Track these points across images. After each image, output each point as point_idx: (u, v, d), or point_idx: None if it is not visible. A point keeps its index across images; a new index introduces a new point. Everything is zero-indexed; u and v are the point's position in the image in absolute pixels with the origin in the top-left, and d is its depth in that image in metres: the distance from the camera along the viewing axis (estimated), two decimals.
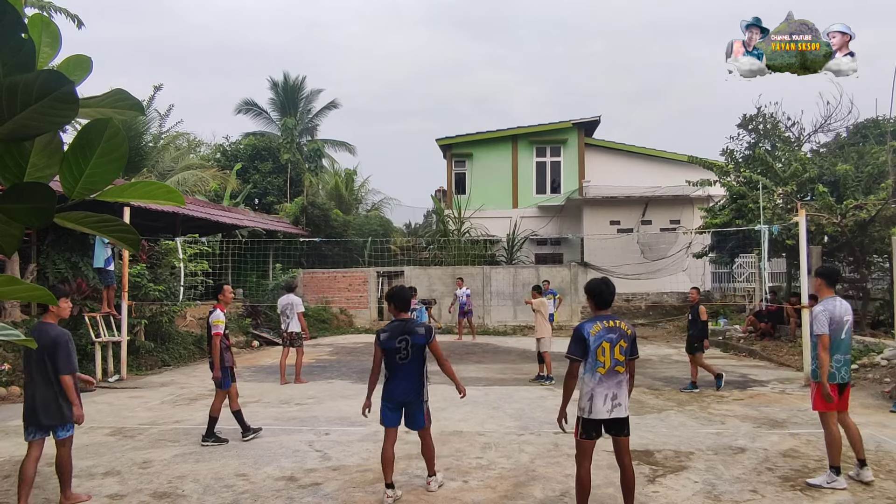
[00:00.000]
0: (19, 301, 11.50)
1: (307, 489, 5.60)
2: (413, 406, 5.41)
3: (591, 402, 4.59)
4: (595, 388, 4.57)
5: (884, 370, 10.62)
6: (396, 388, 5.37)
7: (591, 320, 4.72)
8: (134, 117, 1.73)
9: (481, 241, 23.90)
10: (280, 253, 21.29)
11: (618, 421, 4.62)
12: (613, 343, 4.58)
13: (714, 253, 19.59)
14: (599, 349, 4.56)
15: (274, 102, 33.58)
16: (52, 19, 1.95)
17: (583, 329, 4.65)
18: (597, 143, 25.73)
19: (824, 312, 5.61)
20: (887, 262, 15.88)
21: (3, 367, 10.41)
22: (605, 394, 4.56)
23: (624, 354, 4.62)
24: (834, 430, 5.56)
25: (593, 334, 4.59)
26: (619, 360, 4.59)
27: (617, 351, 4.58)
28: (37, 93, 1.14)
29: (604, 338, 4.57)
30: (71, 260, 12.90)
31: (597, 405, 4.57)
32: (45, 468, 6.24)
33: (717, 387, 10.15)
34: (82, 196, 1.36)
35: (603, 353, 4.56)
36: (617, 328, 4.64)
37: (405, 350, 5.32)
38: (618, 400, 4.58)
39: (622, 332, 4.64)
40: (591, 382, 4.60)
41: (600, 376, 4.56)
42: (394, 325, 5.45)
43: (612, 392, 4.57)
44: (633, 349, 4.74)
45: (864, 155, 16.47)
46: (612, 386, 4.57)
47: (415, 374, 5.37)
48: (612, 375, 4.58)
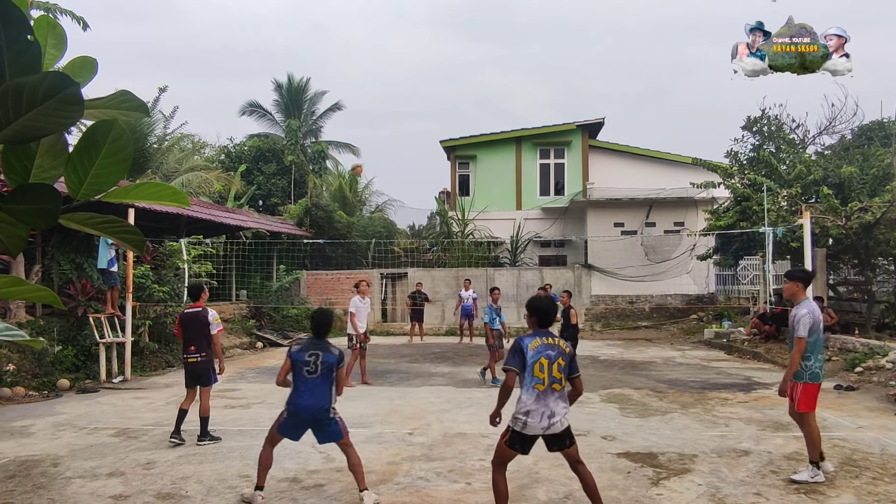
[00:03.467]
0: (24, 302, 11.55)
1: (311, 490, 5.60)
2: (321, 422, 5.30)
3: (526, 418, 4.46)
4: (532, 406, 4.44)
5: (889, 373, 10.57)
6: (301, 402, 5.25)
7: (530, 335, 4.60)
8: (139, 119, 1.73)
9: (485, 242, 23.89)
10: (284, 254, 21.32)
11: (557, 436, 4.53)
12: (552, 360, 4.46)
13: (718, 255, 19.55)
14: (537, 365, 4.44)
15: (278, 104, 33.69)
16: (58, 21, 1.96)
17: (522, 343, 4.52)
18: (601, 144, 25.70)
19: (809, 315, 5.75)
20: (892, 265, 15.84)
21: (9, 368, 10.44)
22: (542, 411, 4.43)
23: (562, 372, 4.51)
24: (816, 428, 5.79)
25: (532, 349, 4.46)
26: (556, 378, 4.47)
27: (555, 369, 4.46)
28: (42, 94, 1.15)
29: (542, 354, 4.46)
30: (76, 261, 12.93)
31: (532, 422, 4.45)
32: (50, 469, 6.27)
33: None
34: (87, 197, 1.37)
35: (541, 369, 4.44)
36: (556, 346, 4.53)
37: (314, 365, 5.26)
38: (555, 417, 4.45)
39: (561, 350, 4.53)
40: (528, 399, 4.46)
41: (538, 393, 4.44)
42: (308, 340, 5.51)
43: (550, 410, 4.44)
44: (572, 367, 4.62)
45: (869, 157, 16.41)
46: (550, 404, 4.45)
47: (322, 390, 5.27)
48: (550, 393, 4.46)
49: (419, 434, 7.56)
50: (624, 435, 7.45)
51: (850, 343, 12.95)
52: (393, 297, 22.42)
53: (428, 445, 7.02)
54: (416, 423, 8.11)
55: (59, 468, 6.26)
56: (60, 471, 6.18)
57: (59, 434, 7.62)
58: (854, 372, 11.22)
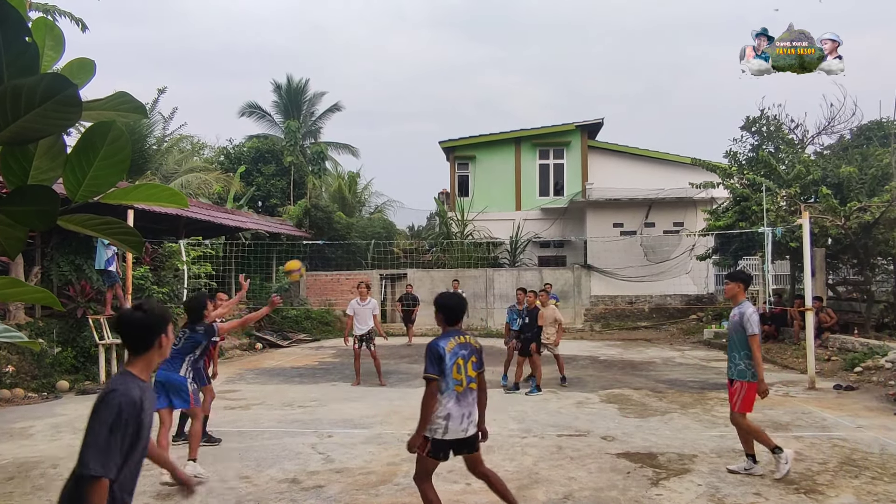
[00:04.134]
0: (23, 303, 11.54)
1: (310, 491, 5.60)
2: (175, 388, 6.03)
3: (447, 422, 4.30)
4: (452, 408, 4.31)
5: (888, 373, 10.57)
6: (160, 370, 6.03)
7: (443, 336, 4.43)
8: (137, 120, 1.73)
9: (484, 243, 23.89)
10: (283, 255, 21.27)
11: (469, 439, 4.42)
12: (466, 359, 4.38)
13: (717, 255, 19.54)
14: (455, 366, 4.32)
15: (277, 105, 33.69)
16: (56, 23, 1.95)
17: (437, 346, 4.34)
18: (600, 145, 25.71)
19: (756, 313, 5.97)
20: (891, 265, 15.85)
21: (8, 369, 10.43)
22: (463, 413, 4.33)
23: (475, 370, 4.45)
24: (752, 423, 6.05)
25: (449, 351, 4.33)
26: (471, 377, 4.41)
27: (470, 367, 4.40)
28: (40, 96, 1.15)
29: (458, 354, 4.36)
30: (75, 262, 12.93)
31: (453, 425, 4.30)
32: (49, 470, 6.26)
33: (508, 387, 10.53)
34: (85, 198, 1.37)
35: (458, 370, 4.33)
36: (468, 344, 4.45)
37: (179, 339, 6.18)
38: (471, 417, 4.39)
39: (472, 348, 4.46)
40: (448, 403, 4.31)
41: (458, 395, 4.32)
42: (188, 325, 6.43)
43: (468, 410, 4.36)
44: (481, 363, 4.54)
45: (868, 157, 16.41)
46: (469, 404, 4.38)
47: (178, 360, 6.07)
48: (468, 393, 4.38)
49: None
50: (623, 435, 7.45)
51: (849, 343, 12.96)
52: (393, 297, 22.41)
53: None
54: (416, 424, 8.09)
55: (59, 470, 6.25)
56: (60, 472, 6.17)
57: (58, 436, 7.61)
58: (853, 372, 11.23)
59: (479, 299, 21.27)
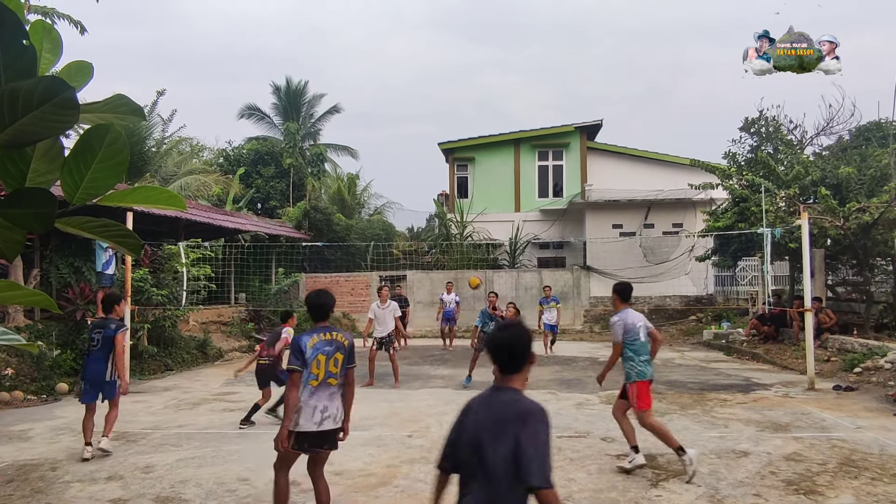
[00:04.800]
0: (22, 306, 11.53)
1: (309, 493, 5.57)
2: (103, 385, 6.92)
3: (297, 415, 4.45)
4: (304, 401, 4.46)
5: (888, 373, 10.58)
6: (88, 370, 6.97)
7: (309, 332, 4.61)
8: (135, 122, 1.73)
9: (484, 244, 23.89)
10: (283, 257, 21.31)
11: (326, 433, 4.52)
12: (329, 355, 4.53)
13: (717, 256, 19.56)
14: (314, 361, 4.48)
15: (276, 107, 33.72)
16: (55, 25, 1.96)
17: (300, 341, 4.54)
18: (599, 146, 25.73)
19: (619, 323, 6.40)
20: (890, 265, 15.85)
21: (7, 372, 10.42)
22: (315, 406, 4.46)
23: (338, 367, 4.57)
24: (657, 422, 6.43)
25: (310, 346, 4.50)
26: (332, 373, 4.53)
27: (331, 364, 4.53)
28: (38, 99, 1.15)
29: (320, 350, 4.51)
30: (74, 265, 12.93)
31: (304, 417, 4.45)
32: (48, 473, 6.26)
33: None
34: (83, 201, 1.37)
35: (317, 365, 4.48)
36: (334, 340, 4.59)
37: (97, 340, 6.88)
38: (328, 412, 4.49)
39: (339, 344, 4.60)
40: (303, 395, 4.47)
41: (312, 389, 4.48)
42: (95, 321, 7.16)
43: (323, 404, 4.49)
44: (350, 359, 4.68)
45: (867, 157, 16.43)
46: (324, 398, 4.50)
47: (102, 359, 6.87)
48: (324, 388, 4.51)
49: (418, 436, 7.56)
50: (623, 436, 7.44)
51: (848, 343, 12.97)
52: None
53: (427, 448, 7.01)
54: (416, 426, 8.10)
55: (58, 472, 6.25)
56: (59, 475, 6.18)
57: (57, 438, 7.61)
58: (853, 372, 11.23)
59: (479, 301, 21.20)
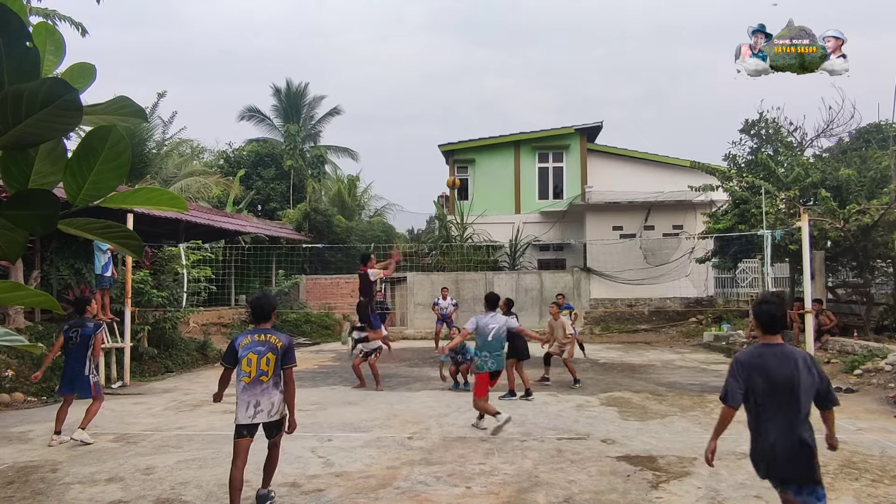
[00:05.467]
0: (23, 307, 11.53)
1: (310, 495, 5.59)
2: (79, 380, 7.35)
3: (236, 408, 4.97)
4: (240, 396, 4.93)
5: (888, 375, 10.57)
6: (67, 367, 7.45)
7: (245, 332, 5.15)
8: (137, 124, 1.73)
9: (484, 246, 23.88)
10: (283, 259, 21.32)
11: (264, 425, 5.00)
12: (261, 355, 4.91)
13: (717, 258, 19.55)
14: (245, 360, 4.90)
15: (277, 109, 33.74)
16: (57, 27, 1.96)
17: (235, 340, 5.06)
18: (599, 148, 25.73)
19: (472, 320, 8.13)
20: (891, 267, 15.84)
21: (7, 374, 10.42)
22: (248, 401, 4.91)
23: (270, 366, 4.93)
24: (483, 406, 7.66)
25: (242, 346, 4.96)
26: (263, 371, 4.91)
27: (263, 363, 4.91)
28: (41, 100, 1.15)
29: (251, 349, 4.92)
30: (75, 266, 12.94)
31: (240, 411, 4.94)
32: (49, 475, 6.26)
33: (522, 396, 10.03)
34: (86, 203, 1.37)
35: (248, 363, 4.89)
36: (267, 342, 4.98)
37: (74, 339, 7.40)
38: (260, 407, 4.92)
39: (271, 346, 4.97)
40: (237, 390, 4.95)
41: (244, 385, 4.91)
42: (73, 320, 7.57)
43: (255, 400, 4.91)
44: (286, 359, 5.03)
45: (867, 159, 16.43)
46: (256, 394, 4.91)
47: (80, 357, 7.36)
48: (256, 384, 4.91)
49: (418, 438, 7.56)
50: (623, 438, 7.45)
51: (849, 345, 12.96)
52: (392, 301, 22.39)
53: (427, 450, 7.02)
54: (416, 428, 8.10)
55: (58, 474, 6.25)
56: (59, 476, 6.17)
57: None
58: (853, 374, 11.23)
59: (479, 303, 21.13)
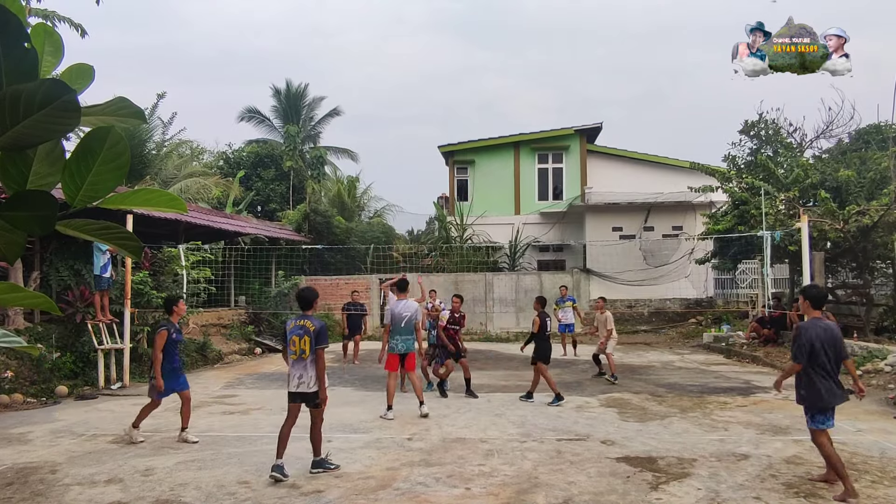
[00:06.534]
0: (22, 308, 11.53)
1: (309, 496, 5.59)
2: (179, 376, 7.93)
3: (287, 378, 6.25)
4: (289, 370, 6.23)
5: (888, 376, 10.57)
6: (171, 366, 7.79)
7: (291, 318, 6.44)
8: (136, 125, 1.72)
9: (483, 247, 23.89)
10: (283, 260, 21.31)
11: (303, 394, 6.15)
12: (301, 337, 6.15)
13: (717, 259, 19.56)
14: (291, 341, 6.20)
15: (276, 110, 33.75)
16: (55, 28, 1.96)
17: (286, 325, 6.39)
18: (599, 149, 25.75)
19: (390, 307, 9.14)
20: (890, 268, 15.86)
21: (7, 375, 10.41)
22: (294, 374, 6.17)
23: (307, 345, 6.11)
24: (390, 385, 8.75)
25: (289, 330, 6.28)
26: (303, 350, 6.12)
27: (302, 343, 6.13)
28: (39, 102, 1.15)
29: (294, 332, 6.20)
30: (74, 267, 12.92)
31: (291, 381, 6.20)
32: (48, 476, 6.25)
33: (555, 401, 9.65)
34: (84, 204, 1.37)
35: (293, 343, 6.17)
36: (304, 326, 6.17)
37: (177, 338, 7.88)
38: (303, 379, 6.12)
39: (307, 329, 6.15)
40: (288, 365, 6.29)
41: (292, 361, 6.20)
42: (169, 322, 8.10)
43: (299, 373, 6.14)
44: (318, 341, 6.13)
45: (867, 160, 16.45)
46: (299, 368, 6.14)
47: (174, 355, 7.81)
48: (299, 361, 6.16)
49: (418, 439, 7.55)
50: (623, 439, 7.45)
51: (848, 346, 12.94)
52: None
53: (427, 451, 7.01)
54: (415, 429, 8.09)
55: (58, 475, 6.25)
56: (58, 478, 6.17)
57: (57, 441, 7.60)
58: None
59: (479, 304, 21.24)
